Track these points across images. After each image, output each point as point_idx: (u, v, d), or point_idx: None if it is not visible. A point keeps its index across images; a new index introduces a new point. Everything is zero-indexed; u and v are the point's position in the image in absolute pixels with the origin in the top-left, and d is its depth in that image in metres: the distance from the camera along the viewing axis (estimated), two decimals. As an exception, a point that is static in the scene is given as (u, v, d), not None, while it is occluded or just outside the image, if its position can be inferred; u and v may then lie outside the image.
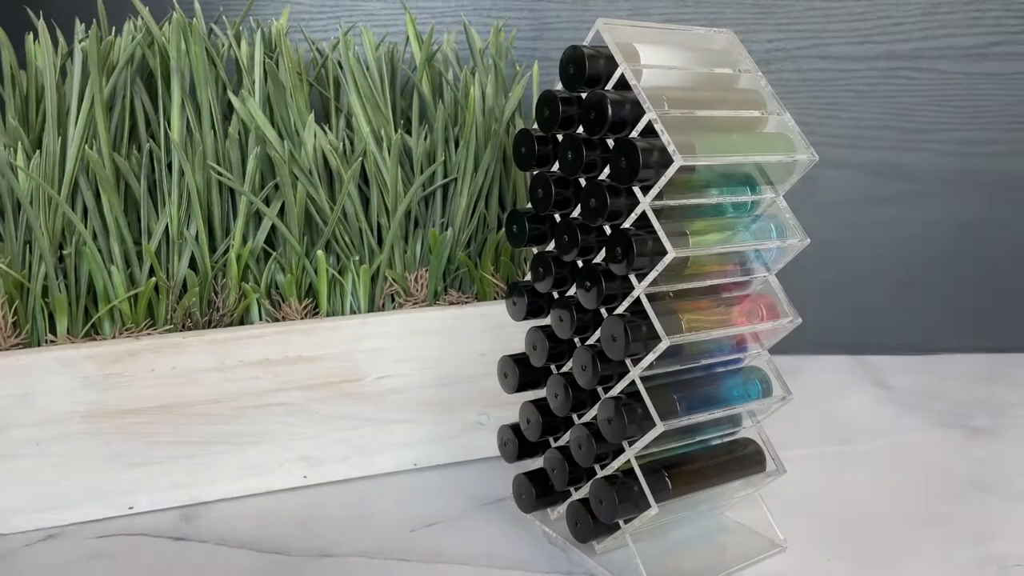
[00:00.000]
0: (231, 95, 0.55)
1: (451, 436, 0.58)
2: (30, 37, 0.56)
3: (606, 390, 0.43)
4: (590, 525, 0.44)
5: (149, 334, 0.52)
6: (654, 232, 0.39)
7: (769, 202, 0.43)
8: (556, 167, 0.44)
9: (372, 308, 0.58)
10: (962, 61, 0.78)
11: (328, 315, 0.57)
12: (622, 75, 0.40)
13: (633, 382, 0.41)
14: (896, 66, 0.78)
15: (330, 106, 0.62)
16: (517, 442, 0.48)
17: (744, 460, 0.46)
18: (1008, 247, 0.82)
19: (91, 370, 0.49)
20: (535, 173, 0.44)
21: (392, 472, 0.57)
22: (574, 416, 0.46)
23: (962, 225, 0.81)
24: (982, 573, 0.45)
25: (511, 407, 0.50)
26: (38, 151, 0.52)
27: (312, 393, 0.54)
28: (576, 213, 0.43)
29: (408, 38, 0.63)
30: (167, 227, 0.55)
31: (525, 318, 0.47)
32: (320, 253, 0.56)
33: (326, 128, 0.60)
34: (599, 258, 0.42)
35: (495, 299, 0.60)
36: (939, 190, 0.80)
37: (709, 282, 0.42)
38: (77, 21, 0.59)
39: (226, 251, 0.57)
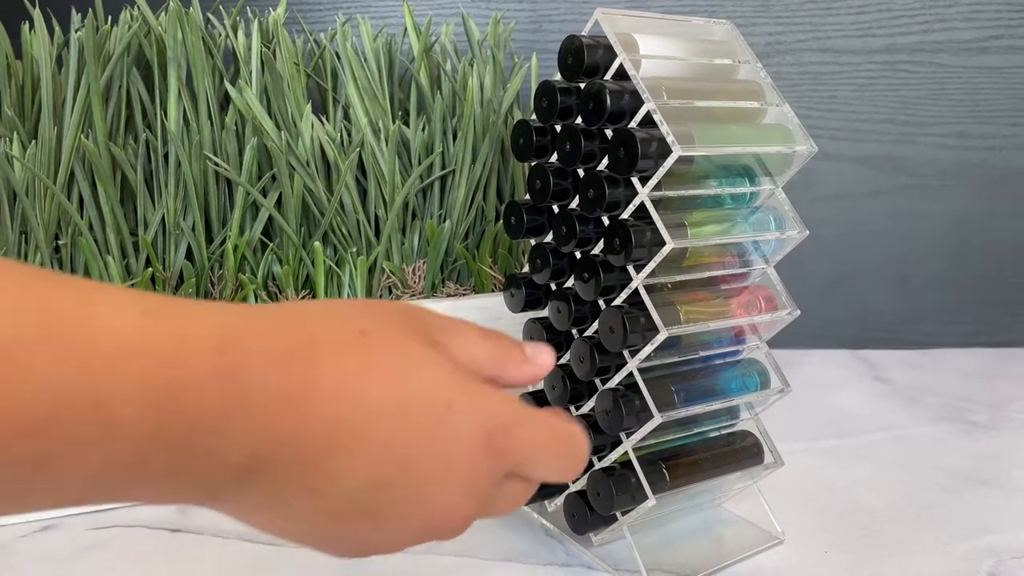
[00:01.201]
0: (228, 85, 0.55)
1: (448, 428, 0.58)
2: (26, 27, 0.56)
3: (604, 382, 0.43)
4: (587, 517, 0.44)
5: (145, 325, 0.52)
6: (652, 223, 0.38)
7: (768, 193, 0.43)
8: (554, 158, 0.44)
9: (369, 300, 0.58)
10: (962, 55, 0.77)
11: (325, 307, 0.57)
12: (621, 65, 0.39)
13: (631, 374, 0.41)
14: (896, 59, 0.78)
15: (327, 97, 0.62)
16: (514, 434, 0.48)
17: (742, 452, 0.46)
18: (1008, 241, 0.82)
19: (87, 361, 0.49)
20: (533, 164, 0.44)
21: (389, 464, 0.57)
22: (572, 408, 0.46)
23: (961, 219, 0.81)
24: (979, 566, 0.45)
25: (508, 399, 0.49)
26: (34, 141, 0.52)
27: (309, 385, 0.54)
28: (574, 204, 0.43)
29: (406, 29, 0.62)
30: (163, 218, 0.54)
31: (523, 310, 0.46)
32: (317, 244, 0.56)
33: (323, 119, 0.59)
34: (597, 249, 0.42)
35: (493, 291, 0.60)
36: (939, 184, 0.80)
37: (707, 273, 0.42)
38: (73, 10, 0.58)
39: (223, 242, 0.56)
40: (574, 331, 0.44)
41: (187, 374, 0.24)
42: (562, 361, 0.46)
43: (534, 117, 0.43)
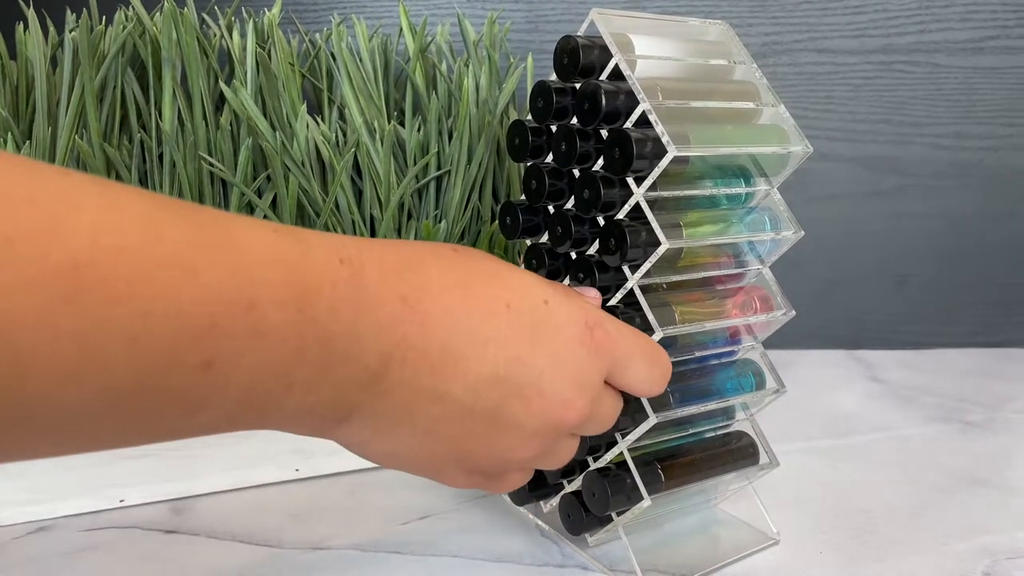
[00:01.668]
0: (223, 86, 0.55)
1: (444, 429, 0.58)
2: (20, 27, 0.56)
3: (599, 382, 0.43)
4: (583, 518, 0.44)
5: (140, 326, 0.52)
6: (648, 223, 0.38)
7: (763, 194, 0.43)
8: (550, 158, 0.44)
9: (365, 301, 0.58)
10: (958, 55, 0.78)
11: (321, 307, 0.57)
12: (616, 65, 0.39)
13: (626, 374, 0.41)
14: (892, 60, 0.78)
15: (323, 97, 0.62)
16: (510, 435, 0.48)
17: (738, 453, 0.46)
18: (1004, 241, 0.82)
19: (81, 362, 0.49)
20: (529, 164, 0.44)
21: (385, 465, 0.57)
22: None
23: (957, 219, 0.81)
24: (975, 566, 0.45)
25: (504, 400, 0.49)
26: (28, 142, 0.52)
27: (304, 386, 0.54)
28: (570, 205, 0.43)
29: (401, 29, 0.62)
30: (158, 218, 0.54)
31: (518, 310, 0.46)
32: (313, 245, 0.56)
33: (319, 119, 0.59)
34: (593, 250, 0.42)
35: (489, 292, 0.60)
36: (935, 184, 0.80)
37: (703, 274, 0.42)
38: (68, 11, 0.58)
39: (218, 243, 0.56)
40: (570, 332, 0.44)
41: (318, 280, 0.27)
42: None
43: (529, 117, 0.43)
